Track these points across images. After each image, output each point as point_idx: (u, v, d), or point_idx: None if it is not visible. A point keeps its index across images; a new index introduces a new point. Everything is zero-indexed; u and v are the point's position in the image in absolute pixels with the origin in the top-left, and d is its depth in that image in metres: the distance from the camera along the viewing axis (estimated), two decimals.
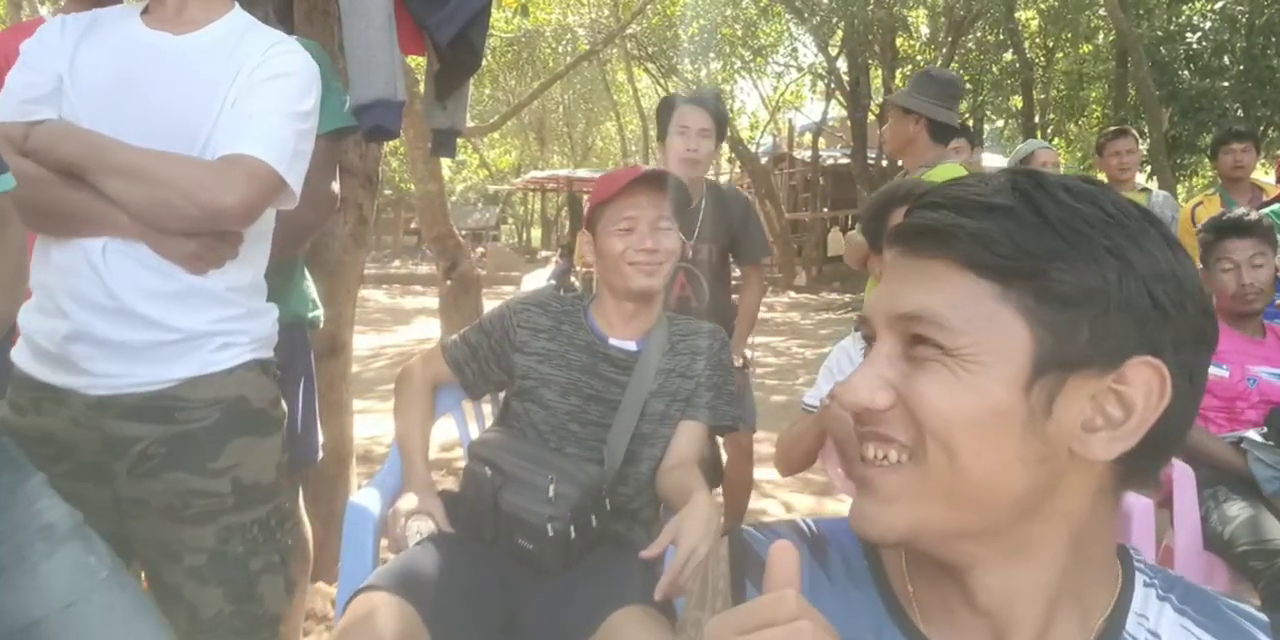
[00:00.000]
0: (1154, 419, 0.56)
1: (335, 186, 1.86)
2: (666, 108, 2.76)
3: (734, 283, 2.91)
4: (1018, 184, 0.58)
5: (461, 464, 1.65)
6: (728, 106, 18.83)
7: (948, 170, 2.62)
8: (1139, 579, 0.65)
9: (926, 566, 0.64)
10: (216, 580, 1.34)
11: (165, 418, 1.32)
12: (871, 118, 15.61)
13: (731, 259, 2.86)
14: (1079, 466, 0.57)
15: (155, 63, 1.33)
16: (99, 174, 1.23)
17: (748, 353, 2.84)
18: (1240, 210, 2.41)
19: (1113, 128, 4.18)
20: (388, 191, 22.56)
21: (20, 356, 1.35)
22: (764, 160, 19.42)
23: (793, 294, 15.43)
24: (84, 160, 1.23)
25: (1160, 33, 12.51)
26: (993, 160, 11.34)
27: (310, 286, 1.98)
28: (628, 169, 1.69)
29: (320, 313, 2.01)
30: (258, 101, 1.32)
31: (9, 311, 1.05)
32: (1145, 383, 0.55)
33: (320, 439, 1.98)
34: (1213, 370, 2.18)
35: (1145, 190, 4.02)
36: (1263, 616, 0.63)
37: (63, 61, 1.31)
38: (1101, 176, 4.43)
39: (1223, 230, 2.26)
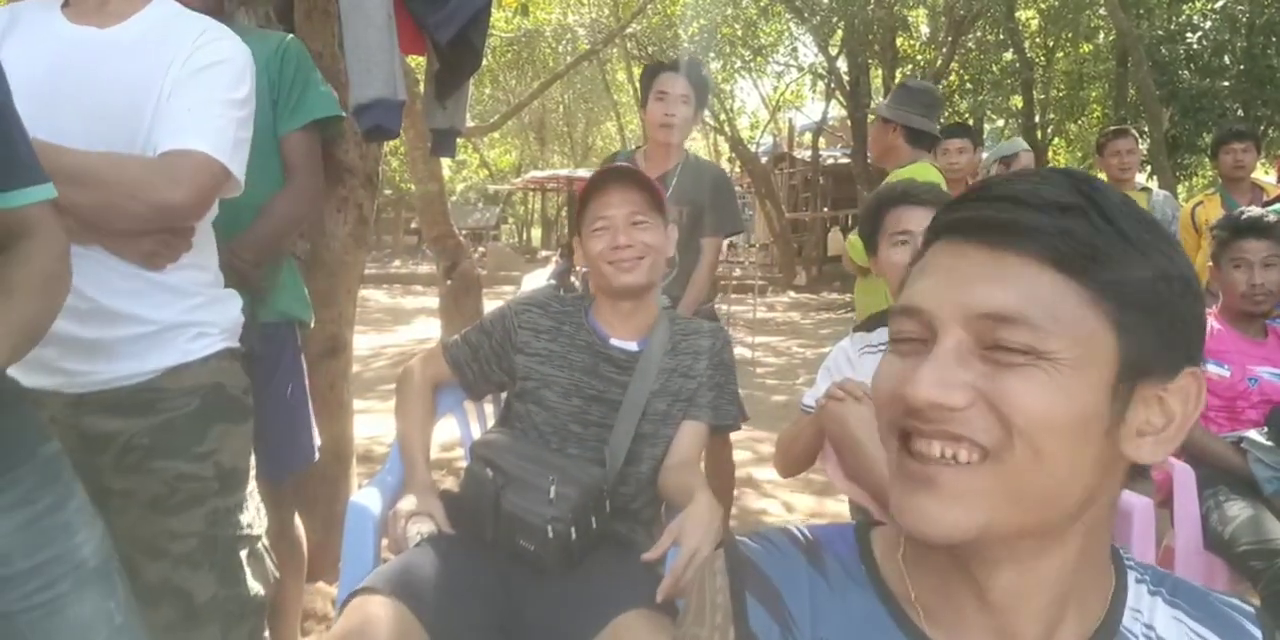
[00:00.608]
0: (1190, 425, 0.58)
1: (320, 179, 1.85)
2: (648, 75, 2.82)
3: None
4: (1077, 185, 0.58)
5: (463, 464, 1.65)
6: (728, 106, 18.75)
7: (919, 169, 2.76)
8: (1130, 575, 0.67)
9: (930, 567, 0.64)
10: (209, 564, 1.36)
11: (146, 410, 1.33)
12: (872, 117, 15.58)
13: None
14: (1117, 470, 0.59)
15: (84, 58, 1.31)
16: None
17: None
18: (1258, 210, 2.40)
19: (1113, 128, 4.18)
20: (388, 191, 22.53)
21: None
22: (764, 160, 19.41)
23: (793, 294, 15.42)
24: None
25: (1160, 32, 12.49)
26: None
27: (302, 286, 1.97)
28: (607, 168, 1.69)
29: (311, 312, 2.00)
30: (193, 93, 1.31)
31: (37, 323, 1.02)
32: (1183, 390, 0.58)
33: (317, 441, 1.97)
34: (1214, 370, 2.18)
35: (1145, 190, 4.02)
36: (1248, 607, 0.66)
37: None
38: (1102, 176, 4.44)
39: (1240, 229, 2.26)
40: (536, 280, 10.19)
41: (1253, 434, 2.09)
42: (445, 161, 9.55)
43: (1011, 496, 0.56)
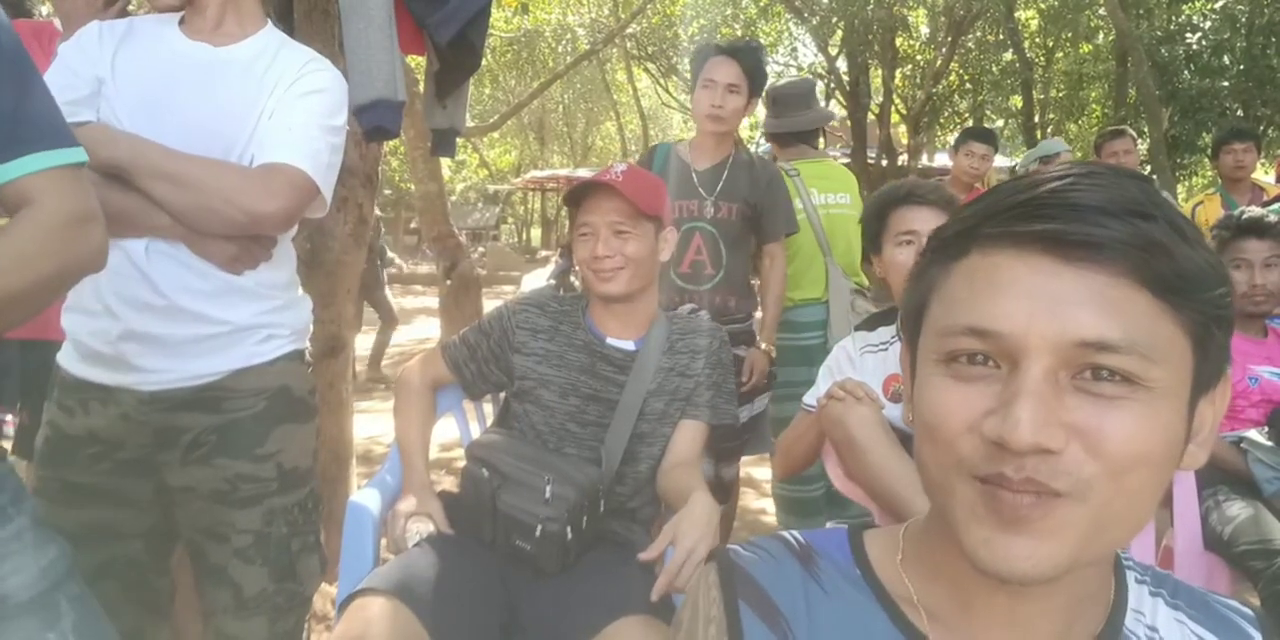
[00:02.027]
0: (1218, 426, 0.57)
1: None
2: (698, 58, 2.59)
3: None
4: (1144, 188, 0.53)
5: (462, 464, 1.65)
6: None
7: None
8: (1130, 576, 0.66)
9: (940, 575, 0.63)
10: (261, 560, 1.41)
11: (214, 408, 1.38)
12: (871, 117, 15.59)
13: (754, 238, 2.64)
14: None
15: (196, 73, 1.38)
16: (144, 177, 1.27)
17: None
18: (1258, 210, 2.40)
19: (1110, 128, 4.19)
20: (388, 191, 22.54)
21: (67, 360, 1.40)
22: None
23: None
24: (129, 163, 1.26)
25: (1160, 33, 12.49)
26: (996, 160, 11.30)
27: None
28: (603, 170, 1.67)
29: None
30: (296, 114, 1.39)
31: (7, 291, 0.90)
32: (1220, 391, 0.58)
33: None
34: None
35: None
36: (1248, 609, 0.66)
37: (103, 66, 1.35)
38: None
39: (1243, 229, 2.26)
40: (537, 280, 10.22)
41: (1253, 434, 2.09)
42: (445, 161, 9.56)
43: (1099, 528, 0.53)
